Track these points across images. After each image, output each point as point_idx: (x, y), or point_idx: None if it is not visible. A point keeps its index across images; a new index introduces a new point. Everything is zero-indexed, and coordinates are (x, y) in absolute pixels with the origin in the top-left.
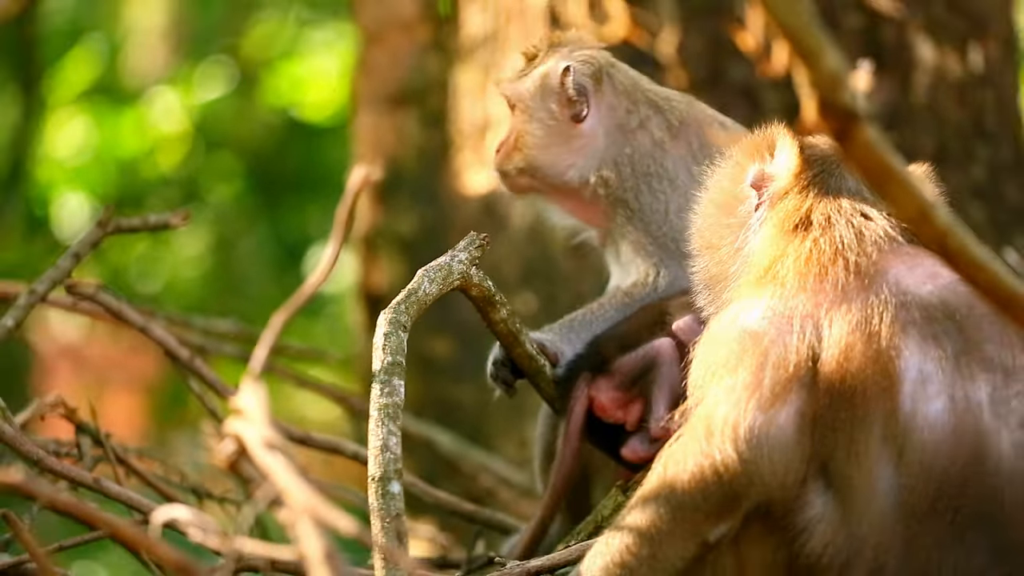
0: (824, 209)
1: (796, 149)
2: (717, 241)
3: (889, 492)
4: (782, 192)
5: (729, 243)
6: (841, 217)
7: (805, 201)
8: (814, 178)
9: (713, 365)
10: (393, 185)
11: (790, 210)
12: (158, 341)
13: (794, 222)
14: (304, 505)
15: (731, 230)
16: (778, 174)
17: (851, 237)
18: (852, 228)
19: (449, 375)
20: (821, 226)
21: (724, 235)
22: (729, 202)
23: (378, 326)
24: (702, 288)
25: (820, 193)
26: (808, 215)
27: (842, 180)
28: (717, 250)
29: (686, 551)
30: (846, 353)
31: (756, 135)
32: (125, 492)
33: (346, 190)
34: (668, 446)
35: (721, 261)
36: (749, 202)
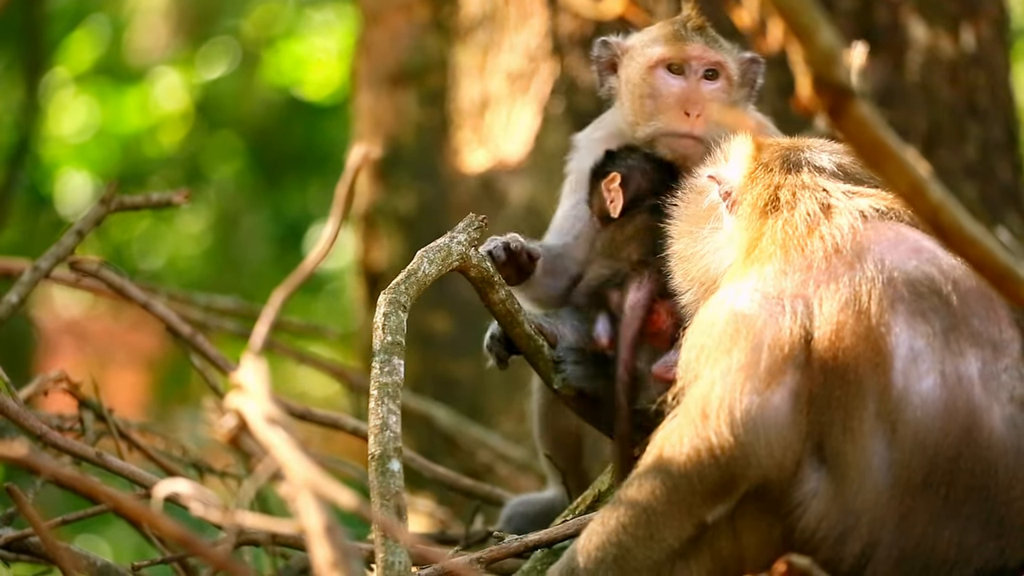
0: (789, 187)
1: (750, 139)
2: (695, 255)
3: (883, 468)
4: (747, 176)
5: (701, 238)
6: (806, 192)
7: (770, 182)
8: (774, 160)
9: (706, 348)
10: (392, 163)
11: (758, 192)
12: (160, 317)
13: (763, 203)
14: (304, 479)
15: (699, 223)
16: (735, 161)
17: (818, 211)
18: (817, 202)
19: (448, 351)
20: (788, 204)
21: (695, 234)
22: (698, 217)
23: (378, 306)
24: (687, 292)
25: (783, 173)
26: (775, 194)
27: (801, 161)
28: (692, 250)
29: (683, 531)
30: (838, 331)
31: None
32: (127, 466)
33: (346, 168)
34: (663, 427)
35: (706, 272)
36: (711, 193)
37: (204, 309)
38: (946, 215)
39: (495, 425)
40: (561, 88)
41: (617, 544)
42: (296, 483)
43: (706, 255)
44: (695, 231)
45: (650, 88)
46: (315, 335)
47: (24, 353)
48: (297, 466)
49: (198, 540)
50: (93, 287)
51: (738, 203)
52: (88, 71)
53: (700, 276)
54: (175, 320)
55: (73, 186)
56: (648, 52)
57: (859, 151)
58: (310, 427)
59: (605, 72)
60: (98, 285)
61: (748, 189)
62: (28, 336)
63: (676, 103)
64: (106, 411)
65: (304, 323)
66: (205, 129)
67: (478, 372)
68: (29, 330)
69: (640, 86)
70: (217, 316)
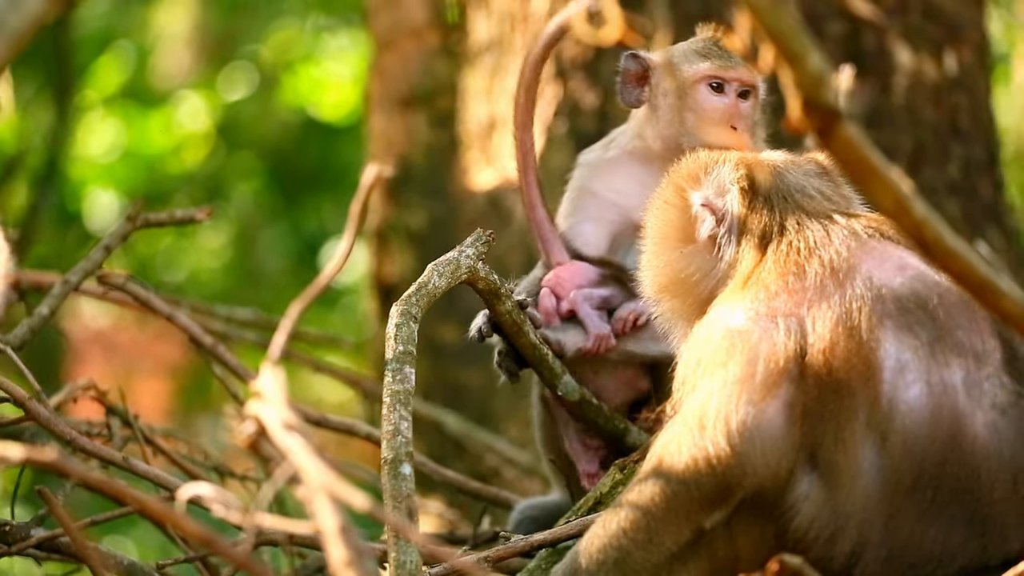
0: (794, 214)
1: (734, 163)
2: (680, 272)
3: (872, 473)
4: (746, 206)
5: (696, 267)
6: (810, 219)
7: (773, 212)
8: (770, 188)
9: (702, 361)
10: (404, 182)
11: (763, 223)
12: (183, 328)
13: (769, 230)
14: (320, 483)
15: (695, 255)
16: (728, 189)
17: (823, 235)
18: (822, 227)
19: (457, 360)
20: (795, 230)
21: (688, 263)
22: (682, 232)
23: (390, 317)
24: (673, 325)
25: (782, 198)
26: (781, 222)
27: (791, 183)
28: (683, 280)
29: (681, 536)
30: (831, 348)
31: (681, 166)
32: (152, 470)
33: (360, 186)
34: (662, 436)
35: (689, 290)
36: (706, 223)
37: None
38: (930, 230)
39: (502, 430)
40: (564, 110)
41: (618, 547)
42: (312, 486)
43: (695, 274)
44: (680, 248)
45: (693, 103)
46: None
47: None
48: (313, 470)
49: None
50: (120, 300)
51: (741, 232)
52: (114, 94)
53: (686, 294)
54: (197, 331)
55: (100, 204)
56: (693, 68)
57: (847, 170)
58: (325, 433)
59: (631, 85)
60: (124, 298)
61: (751, 218)
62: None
63: (721, 119)
64: (132, 417)
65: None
66: (226, 149)
67: (486, 380)
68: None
69: (682, 101)
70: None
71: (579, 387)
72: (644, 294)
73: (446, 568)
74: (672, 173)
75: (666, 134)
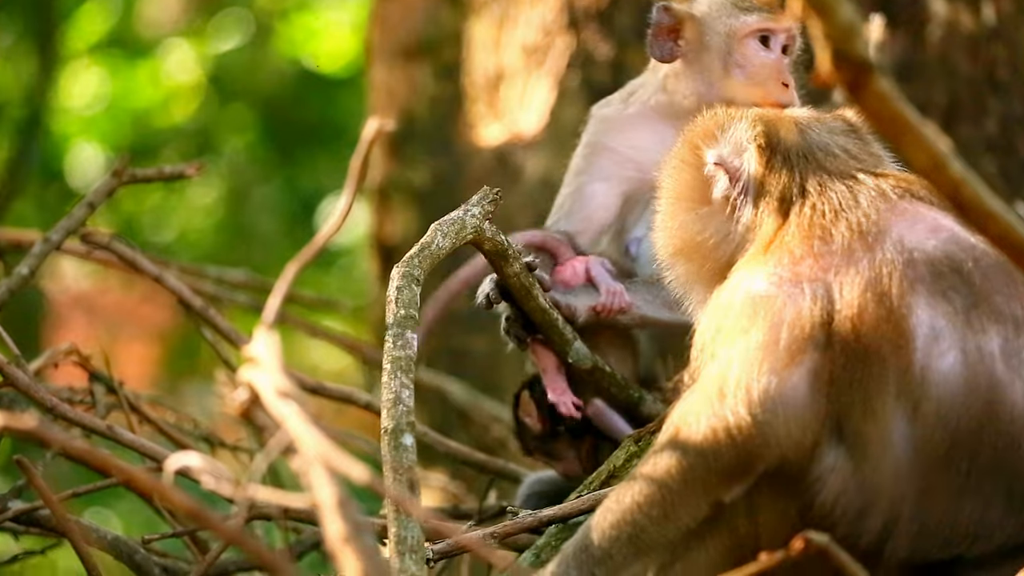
0: (816, 174)
1: (752, 120)
2: (696, 235)
3: (903, 444)
4: (764, 164)
5: (712, 231)
6: (833, 179)
7: (794, 172)
8: (791, 147)
9: (723, 328)
10: (406, 136)
11: (783, 183)
12: (171, 290)
13: (790, 194)
14: (316, 453)
15: (710, 218)
16: (745, 147)
17: (848, 197)
18: (847, 188)
19: (461, 325)
20: (817, 191)
21: (703, 226)
22: (697, 193)
23: (391, 280)
24: (688, 291)
25: (803, 158)
26: (802, 183)
27: (814, 141)
28: (699, 244)
29: (698, 511)
30: (859, 314)
31: (697, 123)
32: (138, 440)
33: (360, 141)
34: (679, 405)
35: (705, 254)
36: (720, 183)
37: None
38: (966, 190)
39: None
40: (577, 62)
41: (632, 523)
42: (308, 457)
43: (711, 237)
44: (695, 210)
45: (742, 58)
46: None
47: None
48: (309, 440)
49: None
50: (104, 259)
51: (759, 194)
52: (99, 43)
53: (702, 258)
54: (187, 293)
55: (84, 159)
56: (740, 21)
57: (878, 126)
58: (322, 401)
59: (662, 39)
60: (109, 257)
61: (769, 179)
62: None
63: (771, 74)
64: (117, 384)
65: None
66: (217, 102)
67: (492, 346)
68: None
69: (729, 56)
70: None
71: (591, 354)
72: (657, 257)
73: (449, 544)
74: (687, 130)
75: (703, 91)
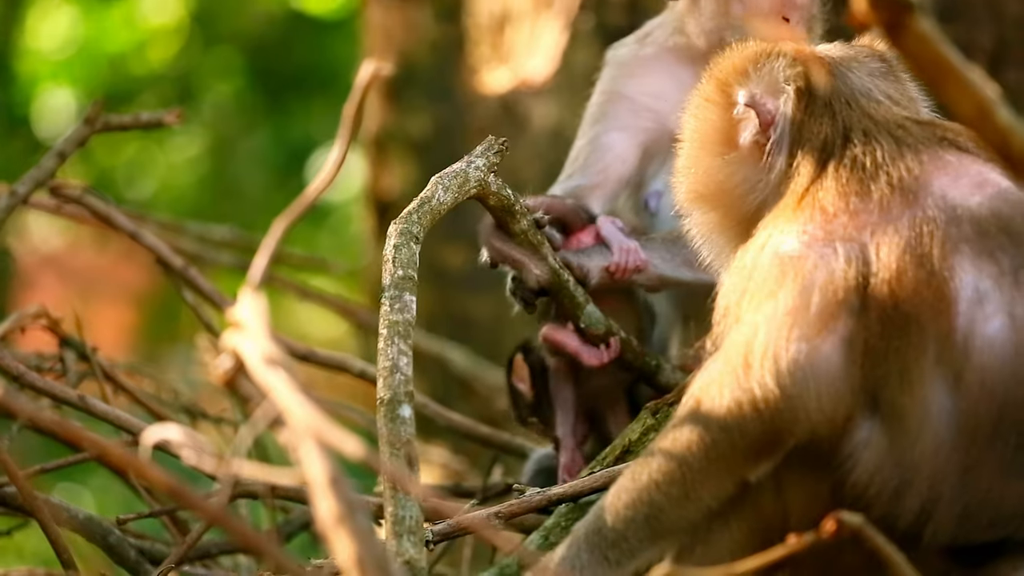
0: (860, 122)
1: (789, 57)
2: (721, 182)
3: (944, 417)
4: (802, 109)
5: (739, 179)
6: (878, 128)
7: (835, 116)
8: (831, 88)
9: (748, 291)
10: (405, 82)
11: (823, 129)
12: (149, 248)
13: (830, 140)
14: (307, 426)
15: (738, 164)
16: (781, 88)
17: (892, 148)
18: (892, 138)
19: (464, 287)
20: (861, 141)
21: (729, 173)
22: (724, 136)
23: (388, 237)
24: (709, 241)
25: (846, 104)
26: (845, 131)
27: (855, 86)
28: (723, 192)
29: (722, 490)
30: (898, 277)
31: (724, 58)
32: (113, 411)
33: (354, 88)
34: (700, 376)
35: (731, 203)
36: (750, 127)
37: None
38: (1016, 140)
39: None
40: (590, 3)
41: (649, 503)
42: (298, 430)
43: (738, 185)
44: (722, 155)
45: None
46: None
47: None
48: (299, 411)
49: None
50: (76, 215)
51: (794, 142)
52: None
53: (730, 218)
54: (166, 251)
55: (54, 105)
56: None
57: (919, 70)
58: (313, 369)
59: None
60: (81, 212)
61: (808, 126)
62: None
63: (771, 9)
64: (89, 350)
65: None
66: (200, 44)
67: (497, 310)
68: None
69: None
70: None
71: (605, 318)
72: (677, 203)
73: (451, 525)
74: (715, 65)
75: (709, 28)
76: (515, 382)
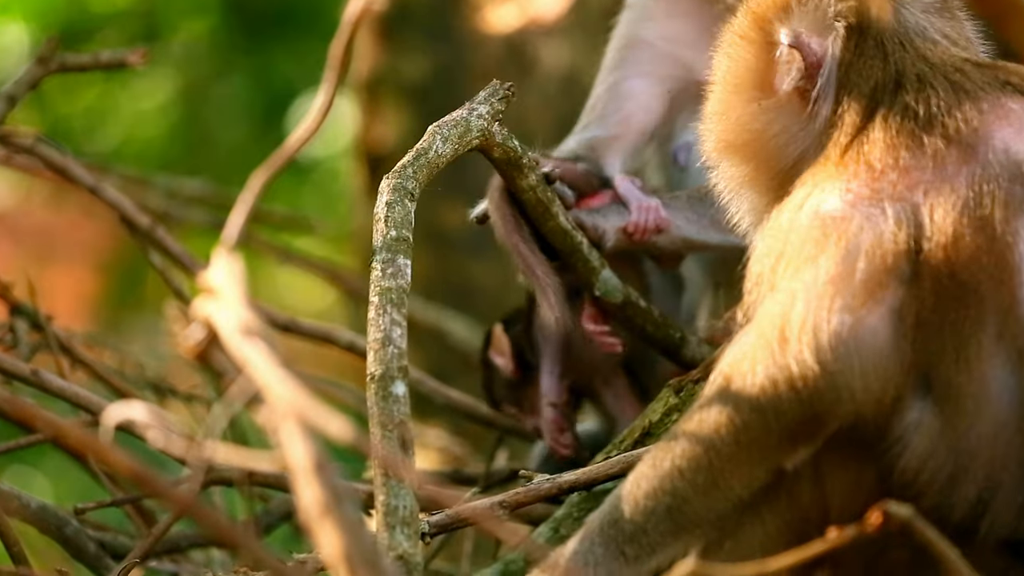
0: (915, 65)
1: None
2: (756, 132)
3: (1006, 398)
4: (852, 49)
5: (778, 129)
6: (936, 73)
7: (887, 58)
8: (884, 26)
9: (785, 256)
10: (400, 20)
11: (874, 72)
12: (111, 204)
13: (881, 86)
14: (289, 404)
15: (776, 112)
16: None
17: (949, 95)
18: (949, 84)
19: (464, 250)
20: (915, 88)
21: (766, 121)
22: (761, 79)
23: (379, 194)
24: (737, 197)
25: (899, 44)
26: (898, 76)
27: (910, 24)
28: (758, 143)
29: (753, 479)
30: (954, 243)
31: None
32: (70, 387)
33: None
34: (730, 351)
35: (769, 155)
36: (794, 70)
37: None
38: None
39: None
40: None
41: (672, 492)
42: (278, 408)
43: (776, 136)
44: (758, 100)
45: None
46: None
47: None
48: (279, 388)
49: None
50: (28, 166)
51: (842, 87)
52: None
53: (762, 160)
54: (130, 208)
55: (4, 43)
56: None
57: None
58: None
59: None
60: (34, 164)
61: (858, 69)
62: None
63: None
64: (44, 319)
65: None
66: None
67: (500, 276)
68: None
69: None
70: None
71: (624, 285)
72: (705, 155)
73: (449, 516)
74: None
75: None
76: (493, 356)
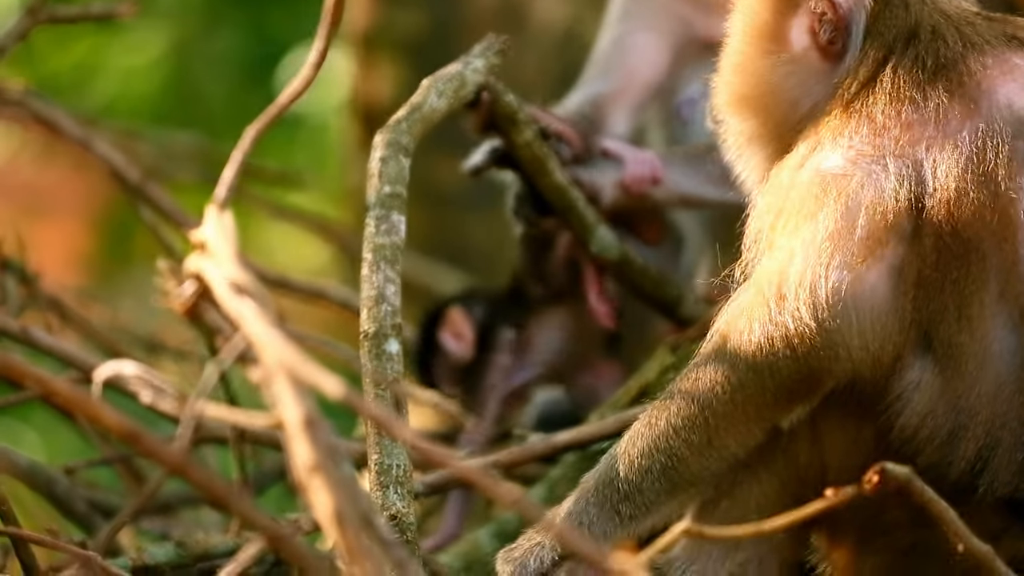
0: (931, 16)
1: None
2: (771, 86)
3: (1007, 356)
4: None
5: (794, 83)
6: (948, 23)
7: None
8: None
9: (783, 212)
10: None
11: (896, 24)
12: (101, 159)
13: (899, 39)
14: (281, 362)
15: (793, 66)
16: None
17: (958, 47)
18: (959, 36)
19: (459, 206)
20: (928, 38)
21: (783, 76)
22: (781, 32)
23: (373, 149)
24: (744, 153)
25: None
26: (915, 27)
27: None
28: (772, 97)
29: (749, 437)
30: (957, 199)
31: None
32: (59, 344)
33: None
34: (727, 309)
35: (778, 108)
36: (819, 23)
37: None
38: None
39: None
40: None
41: (667, 451)
42: (270, 366)
43: (790, 91)
44: (776, 53)
45: None
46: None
47: None
48: (271, 345)
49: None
50: (17, 119)
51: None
52: None
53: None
54: (120, 163)
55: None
56: None
57: None
58: (288, 298)
59: None
60: (23, 117)
61: (884, 21)
62: None
63: None
64: (33, 276)
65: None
66: None
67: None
68: None
69: None
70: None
71: (620, 242)
72: (715, 108)
73: (443, 475)
74: None
75: None
76: (446, 338)
